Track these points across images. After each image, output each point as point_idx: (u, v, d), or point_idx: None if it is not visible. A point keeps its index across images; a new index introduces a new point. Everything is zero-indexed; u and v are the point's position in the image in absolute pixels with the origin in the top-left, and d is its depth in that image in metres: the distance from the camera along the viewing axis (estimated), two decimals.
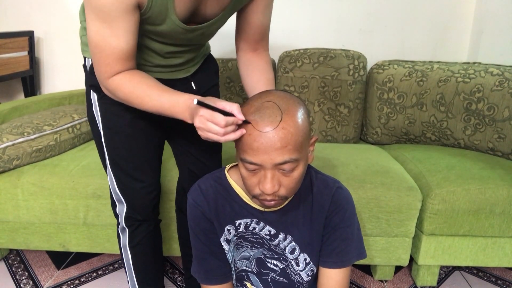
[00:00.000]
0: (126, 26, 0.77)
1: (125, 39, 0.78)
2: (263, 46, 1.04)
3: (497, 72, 1.58)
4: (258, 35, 1.00)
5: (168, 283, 1.47)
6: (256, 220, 0.86)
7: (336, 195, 0.85)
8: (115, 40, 0.77)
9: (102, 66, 0.81)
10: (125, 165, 1.01)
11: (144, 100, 0.82)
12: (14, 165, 1.38)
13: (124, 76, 0.82)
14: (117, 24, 0.76)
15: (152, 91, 0.82)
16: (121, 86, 0.82)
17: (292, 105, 0.71)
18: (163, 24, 0.82)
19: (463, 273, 1.57)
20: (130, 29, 0.78)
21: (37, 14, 2.08)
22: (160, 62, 0.94)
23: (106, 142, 1.00)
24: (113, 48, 0.78)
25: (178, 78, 1.01)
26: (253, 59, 1.03)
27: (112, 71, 0.81)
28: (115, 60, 0.80)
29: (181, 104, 0.79)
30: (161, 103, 0.81)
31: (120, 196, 1.05)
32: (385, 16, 2.00)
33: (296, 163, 0.72)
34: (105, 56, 0.79)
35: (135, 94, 0.82)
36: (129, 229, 1.08)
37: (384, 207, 1.30)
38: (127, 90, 0.82)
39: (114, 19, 0.75)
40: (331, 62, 1.78)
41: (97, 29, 0.77)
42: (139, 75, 0.84)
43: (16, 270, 1.52)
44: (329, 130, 1.82)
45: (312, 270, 0.88)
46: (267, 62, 1.04)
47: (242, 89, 1.86)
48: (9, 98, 2.28)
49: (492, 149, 1.58)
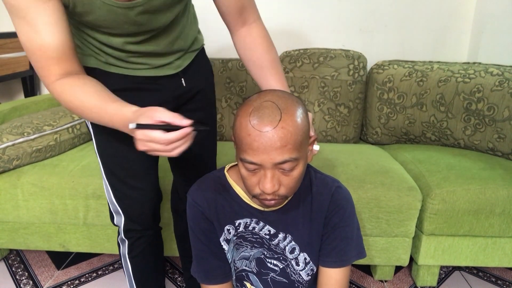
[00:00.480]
0: (43, 18, 0.70)
1: (47, 33, 0.71)
2: (252, 16, 0.94)
3: (497, 72, 1.58)
4: (237, 2, 0.90)
5: (168, 283, 1.47)
6: (255, 220, 0.86)
7: (335, 195, 0.85)
8: (38, 36, 0.71)
9: (39, 70, 0.75)
10: (120, 172, 0.97)
11: (85, 112, 0.76)
12: (14, 165, 1.38)
13: (67, 81, 0.75)
14: (31, 16, 0.69)
15: (91, 100, 0.75)
16: (63, 93, 0.75)
17: (291, 105, 0.72)
18: (95, 8, 0.75)
19: (463, 273, 1.57)
20: (49, 21, 0.71)
21: None
22: (128, 57, 0.88)
23: (98, 150, 0.97)
24: (40, 46, 0.72)
25: (166, 75, 0.94)
26: (247, 38, 0.95)
27: (51, 74, 0.74)
28: (48, 61, 0.73)
29: (119, 116, 0.72)
30: (99, 115, 0.75)
31: (117, 206, 1.01)
32: (385, 16, 2.00)
33: (296, 162, 0.72)
34: (37, 58, 0.73)
35: (75, 104, 0.75)
36: (129, 241, 1.05)
37: (384, 207, 1.30)
38: (68, 98, 0.75)
39: (26, 11, 0.69)
40: (331, 62, 1.78)
41: (20, 28, 0.71)
42: (83, 81, 0.77)
43: (16, 270, 1.52)
44: (329, 130, 1.82)
45: (312, 270, 0.88)
46: (263, 37, 0.95)
47: (242, 89, 1.86)
48: (9, 98, 2.28)
49: (492, 149, 1.58)
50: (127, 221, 1.02)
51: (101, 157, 0.97)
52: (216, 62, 1.85)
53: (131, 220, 1.03)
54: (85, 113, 0.76)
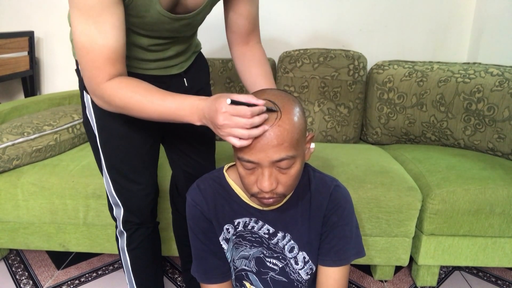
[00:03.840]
0: (112, 21, 0.73)
1: (112, 35, 0.74)
2: (255, 38, 1.02)
3: (497, 72, 1.58)
4: (248, 26, 0.98)
5: (168, 283, 1.47)
6: (254, 219, 0.86)
7: (334, 194, 0.86)
8: (103, 38, 0.73)
9: (92, 70, 0.76)
10: (121, 167, 1.00)
11: (146, 106, 0.77)
12: (14, 165, 1.38)
13: (120, 81, 0.78)
14: (103, 19, 0.72)
15: (153, 95, 0.77)
16: (117, 91, 0.77)
17: (287, 103, 0.72)
18: (147, 15, 0.78)
19: (463, 273, 1.56)
20: (117, 24, 0.74)
21: (37, 14, 2.08)
22: (148, 56, 0.92)
23: (101, 144, 0.99)
24: (101, 46, 0.73)
25: (172, 74, 0.99)
26: (247, 52, 1.01)
27: (104, 75, 0.76)
28: (105, 61, 0.75)
29: (186, 107, 0.75)
30: (165, 107, 0.76)
31: (117, 199, 1.04)
32: (385, 16, 2.00)
33: (293, 160, 0.72)
34: (94, 57, 0.74)
35: (134, 99, 0.77)
36: (127, 232, 1.07)
37: (384, 207, 1.30)
38: (125, 96, 0.77)
39: (99, 13, 0.71)
40: (331, 62, 1.78)
41: (82, 28, 0.72)
42: (135, 80, 0.80)
43: (16, 270, 1.52)
44: (329, 130, 1.82)
45: (311, 269, 0.88)
46: (261, 54, 1.02)
47: (242, 89, 1.86)
48: (9, 98, 2.28)
49: (492, 149, 1.58)
50: (126, 213, 1.05)
51: (103, 151, 1.00)
52: (216, 62, 1.85)
53: (130, 212, 1.05)
54: (146, 108, 0.77)
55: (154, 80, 0.95)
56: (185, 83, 1.04)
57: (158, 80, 0.96)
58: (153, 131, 1.02)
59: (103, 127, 0.97)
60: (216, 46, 2.01)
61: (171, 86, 0.99)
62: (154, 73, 0.96)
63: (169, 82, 0.99)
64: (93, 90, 0.79)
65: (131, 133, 0.97)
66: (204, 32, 1.13)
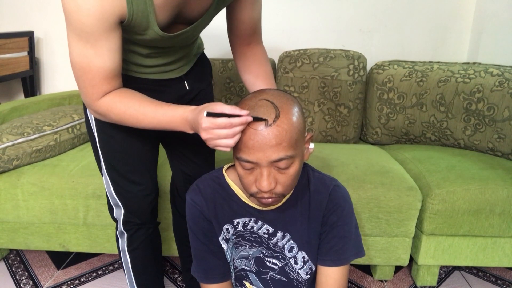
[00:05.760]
0: (110, 45, 0.74)
1: (109, 58, 0.76)
2: (257, 40, 1.03)
3: (497, 72, 1.58)
4: (250, 30, 0.99)
5: (168, 283, 1.47)
6: (254, 219, 0.87)
7: (333, 193, 0.86)
8: (100, 61, 0.75)
9: (89, 88, 0.78)
10: (121, 168, 1.00)
11: (140, 119, 0.80)
12: (14, 165, 1.38)
13: (114, 96, 0.80)
14: (101, 43, 0.73)
15: (145, 108, 0.79)
16: (112, 107, 0.80)
17: (286, 103, 0.72)
18: (145, 34, 0.80)
19: (463, 273, 1.56)
20: (114, 47, 0.76)
21: (37, 14, 2.08)
22: (147, 62, 0.92)
23: (100, 145, 0.99)
24: (99, 68, 0.76)
25: (171, 78, 0.99)
26: (248, 53, 1.02)
27: (99, 92, 0.78)
28: (102, 80, 0.77)
29: (177, 119, 0.78)
30: (158, 120, 0.79)
31: (117, 200, 1.03)
32: (385, 16, 2.00)
33: (292, 160, 0.72)
34: (91, 77, 0.76)
35: (127, 113, 0.80)
36: (127, 233, 1.07)
37: (384, 207, 1.30)
38: (119, 110, 0.80)
39: (97, 39, 0.72)
40: (331, 62, 1.78)
41: (80, 51, 0.74)
42: (129, 93, 0.82)
43: (16, 270, 1.53)
44: (329, 130, 1.82)
45: (310, 269, 0.88)
46: (262, 54, 1.03)
47: (242, 89, 1.86)
48: (9, 98, 2.28)
49: (492, 149, 1.58)
50: (126, 213, 1.05)
51: (103, 152, 1.00)
52: (216, 62, 1.85)
53: (131, 213, 1.05)
54: (140, 120, 0.80)
55: (154, 84, 0.96)
56: (185, 86, 1.03)
57: (157, 83, 0.96)
58: (152, 132, 1.02)
59: (102, 129, 0.97)
60: (216, 46, 2.00)
61: (171, 90, 1.00)
62: (153, 77, 0.95)
63: (169, 85, 0.99)
64: (88, 105, 0.82)
65: (131, 135, 0.97)
66: (204, 32, 1.12)
